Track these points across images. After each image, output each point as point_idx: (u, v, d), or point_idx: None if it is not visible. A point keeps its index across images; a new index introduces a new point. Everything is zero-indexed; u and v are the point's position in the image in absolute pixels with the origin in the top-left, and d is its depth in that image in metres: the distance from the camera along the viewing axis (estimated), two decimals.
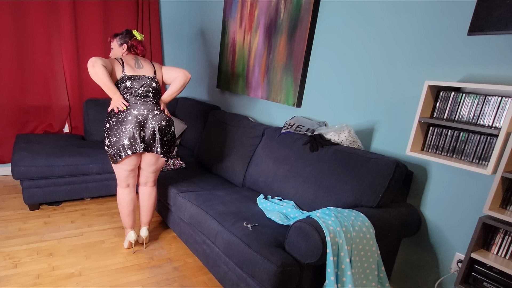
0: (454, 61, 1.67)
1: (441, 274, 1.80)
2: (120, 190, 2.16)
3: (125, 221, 2.22)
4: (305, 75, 2.46)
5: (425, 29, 1.77)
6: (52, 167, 2.57)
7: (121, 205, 2.18)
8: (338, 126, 2.05)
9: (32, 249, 2.17)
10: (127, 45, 2.19)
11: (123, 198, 2.16)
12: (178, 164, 2.73)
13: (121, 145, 1.97)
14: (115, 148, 1.98)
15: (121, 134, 1.96)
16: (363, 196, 1.76)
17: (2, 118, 3.10)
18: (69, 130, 3.44)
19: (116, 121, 1.98)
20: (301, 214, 1.89)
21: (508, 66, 1.49)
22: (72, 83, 3.29)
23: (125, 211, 2.19)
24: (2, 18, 2.89)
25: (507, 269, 1.41)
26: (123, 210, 2.19)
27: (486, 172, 1.46)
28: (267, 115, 2.88)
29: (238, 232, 1.72)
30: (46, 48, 3.12)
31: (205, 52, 3.65)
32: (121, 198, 2.17)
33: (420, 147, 1.74)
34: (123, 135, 1.96)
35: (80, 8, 3.18)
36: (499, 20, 1.45)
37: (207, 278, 2.09)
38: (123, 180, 2.12)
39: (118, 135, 1.96)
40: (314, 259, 1.43)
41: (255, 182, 2.35)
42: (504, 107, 1.43)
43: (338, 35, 2.22)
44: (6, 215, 2.55)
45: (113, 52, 2.24)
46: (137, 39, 2.21)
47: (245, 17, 2.93)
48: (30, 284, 1.86)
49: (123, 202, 2.17)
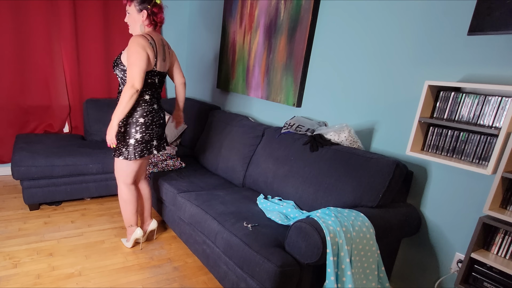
0: (454, 61, 1.67)
1: (441, 274, 1.80)
2: (125, 188, 2.13)
3: (132, 219, 2.21)
4: (305, 75, 2.46)
5: (425, 29, 1.77)
6: (52, 167, 2.57)
7: (128, 203, 2.15)
8: (338, 126, 2.05)
9: (32, 249, 2.17)
10: (147, 12, 1.90)
11: (131, 194, 2.15)
12: (178, 164, 2.73)
13: (150, 145, 2.03)
14: (143, 146, 2.00)
15: (154, 134, 2.03)
16: (363, 196, 1.76)
17: (2, 118, 3.10)
18: (69, 130, 3.44)
19: (151, 120, 2.00)
20: (301, 214, 1.89)
21: (508, 66, 1.49)
22: (72, 83, 3.29)
23: (133, 208, 2.18)
24: (2, 18, 2.89)
25: (507, 269, 1.41)
26: (131, 208, 2.17)
27: (486, 172, 1.46)
28: (267, 115, 2.88)
29: (238, 232, 1.72)
30: (46, 48, 3.12)
31: (205, 52, 3.65)
32: (128, 195, 2.14)
33: (420, 147, 1.74)
34: (155, 136, 2.04)
35: (80, 8, 3.18)
36: (499, 20, 1.45)
37: (207, 278, 2.09)
38: (131, 177, 2.11)
39: (151, 135, 2.02)
40: (314, 259, 1.43)
41: (255, 182, 2.35)
42: (504, 107, 1.43)
43: (338, 35, 2.22)
44: (6, 215, 2.55)
45: (130, 19, 1.94)
46: (158, 5, 1.93)
47: (245, 17, 2.93)
48: (30, 284, 1.86)
49: (132, 198, 2.15)
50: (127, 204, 2.16)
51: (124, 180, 2.11)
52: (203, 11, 3.63)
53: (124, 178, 2.10)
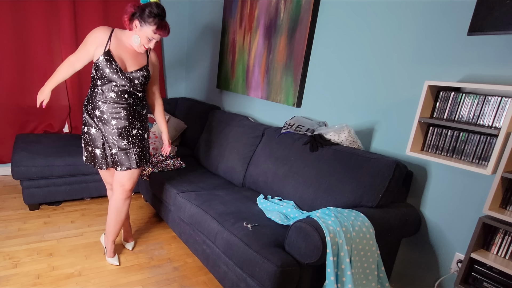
0: (454, 61, 1.67)
1: (441, 274, 1.80)
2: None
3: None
4: (305, 75, 2.46)
5: (425, 29, 1.77)
6: (52, 167, 2.57)
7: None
8: (338, 126, 2.05)
9: (32, 249, 2.17)
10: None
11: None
12: (178, 164, 2.73)
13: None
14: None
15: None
16: (363, 196, 1.76)
17: (2, 118, 3.10)
18: (69, 130, 3.44)
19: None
20: (301, 214, 1.89)
21: (508, 66, 1.49)
22: (72, 83, 3.29)
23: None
24: (2, 18, 2.89)
25: (507, 269, 1.41)
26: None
27: (486, 172, 1.46)
28: (267, 115, 2.88)
29: (238, 232, 1.72)
30: (46, 48, 3.12)
31: (205, 52, 3.65)
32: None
33: (420, 147, 1.74)
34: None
35: (80, 8, 3.18)
36: (499, 20, 1.45)
37: (207, 278, 2.09)
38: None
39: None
40: (314, 259, 1.43)
41: (255, 182, 2.35)
42: (504, 107, 1.43)
43: (338, 35, 2.22)
44: (6, 215, 2.55)
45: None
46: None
47: (245, 17, 2.93)
48: (30, 284, 1.86)
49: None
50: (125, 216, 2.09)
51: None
52: (203, 11, 3.63)
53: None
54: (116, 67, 1.76)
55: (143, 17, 1.71)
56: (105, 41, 1.78)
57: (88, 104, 1.86)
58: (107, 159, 1.92)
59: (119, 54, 1.80)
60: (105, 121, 1.83)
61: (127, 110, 1.85)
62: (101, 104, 1.81)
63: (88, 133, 1.88)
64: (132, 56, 1.84)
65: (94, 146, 1.89)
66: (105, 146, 1.89)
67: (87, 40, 1.80)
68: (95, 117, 1.84)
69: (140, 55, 1.88)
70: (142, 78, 1.86)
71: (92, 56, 1.81)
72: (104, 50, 1.76)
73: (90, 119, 1.86)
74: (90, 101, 1.85)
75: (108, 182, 2.10)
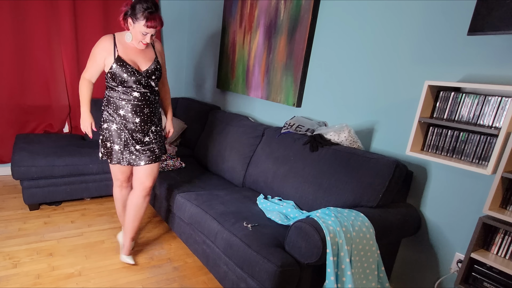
0: (454, 61, 1.67)
1: (441, 274, 1.80)
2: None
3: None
4: (305, 75, 2.46)
5: (425, 29, 1.77)
6: (52, 167, 2.57)
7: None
8: (338, 126, 2.05)
9: (32, 249, 2.17)
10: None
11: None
12: (178, 164, 2.73)
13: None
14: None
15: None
16: (363, 196, 1.76)
17: (2, 118, 3.10)
18: (69, 130, 3.44)
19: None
20: (301, 214, 1.89)
21: (508, 66, 1.49)
22: (72, 83, 3.29)
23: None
24: (2, 18, 2.89)
25: (507, 269, 1.41)
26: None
27: (486, 172, 1.46)
28: (267, 115, 2.88)
29: (238, 232, 1.72)
30: (46, 48, 3.12)
31: (205, 52, 3.65)
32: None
33: (420, 147, 1.74)
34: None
35: (80, 9, 3.18)
36: (499, 20, 1.45)
37: (207, 278, 2.09)
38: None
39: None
40: (314, 259, 1.43)
41: (255, 182, 2.35)
42: (504, 107, 1.43)
43: (338, 35, 2.22)
44: (6, 215, 2.55)
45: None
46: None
47: (245, 17, 2.93)
48: (30, 284, 1.86)
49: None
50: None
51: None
52: (203, 11, 3.63)
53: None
54: (132, 69, 1.81)
55: (133, 14, 1.74)
56: (112, 48, 1.81)
57: (109, 105, 1.90)
58: (124, 156, 1.95)
59: (129, 57, 1.83)
60: (129, 119, 1.88)
61: (150, 107, 1.93)
62: (124, 104, 1.86)
63: (108, 129, 1.92)
64: (140, 55, 1.88)
65: (114, 142, 1.93)
66: (128, 143, 1.92)
67: (94, 53, 1.84)
68: (118, 116, 1.88)
69: (147, 50, 1.91)
70: (158, 72, 1.92)
71: (103, 66, 1.85)
72: (114, 58, 1.80)
73: (111, 117, 1.90)
74: (111, 102, 1.89)
75: (117, 179, 2.12)
